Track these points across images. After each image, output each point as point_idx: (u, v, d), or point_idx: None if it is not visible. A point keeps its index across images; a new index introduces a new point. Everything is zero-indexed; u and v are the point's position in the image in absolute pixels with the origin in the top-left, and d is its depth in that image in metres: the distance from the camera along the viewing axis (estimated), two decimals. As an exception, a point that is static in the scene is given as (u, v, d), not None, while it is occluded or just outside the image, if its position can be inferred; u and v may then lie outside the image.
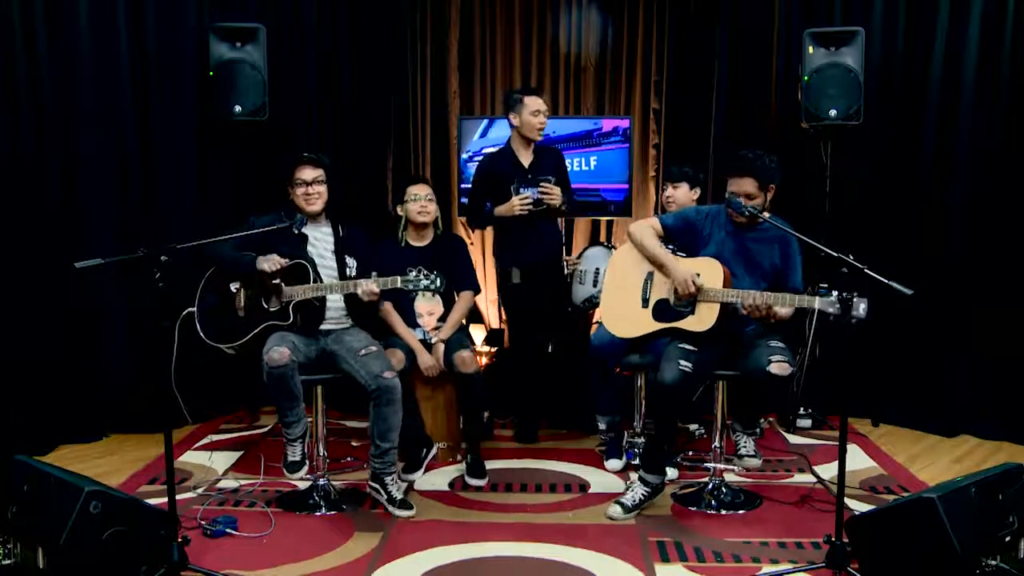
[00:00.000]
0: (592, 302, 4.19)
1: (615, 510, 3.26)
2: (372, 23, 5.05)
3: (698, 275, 3.18)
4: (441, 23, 5.35)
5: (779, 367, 3.07)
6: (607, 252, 4.21)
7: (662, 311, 3.32)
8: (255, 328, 3.36)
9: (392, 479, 3.38)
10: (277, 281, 3.34)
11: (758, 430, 4.21)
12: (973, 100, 4.25)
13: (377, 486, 3.37)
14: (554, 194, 4.04)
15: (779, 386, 3.11)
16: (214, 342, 3.43)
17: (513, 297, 4.26)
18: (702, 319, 3.20)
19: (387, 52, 5.15)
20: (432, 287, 3.26)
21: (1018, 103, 4.19)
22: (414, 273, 3.38)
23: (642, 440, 3.95)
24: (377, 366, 3.32)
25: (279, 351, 3.20)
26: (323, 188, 3.49)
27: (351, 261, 3.54)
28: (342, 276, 3.48)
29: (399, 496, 3.36)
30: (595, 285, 4.17)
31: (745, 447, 3.50)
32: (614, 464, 3.86)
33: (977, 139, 4.28)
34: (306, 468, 3.41)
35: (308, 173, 3.47)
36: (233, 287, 3.43)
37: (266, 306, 3.37)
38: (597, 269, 4.17)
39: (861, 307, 2.70)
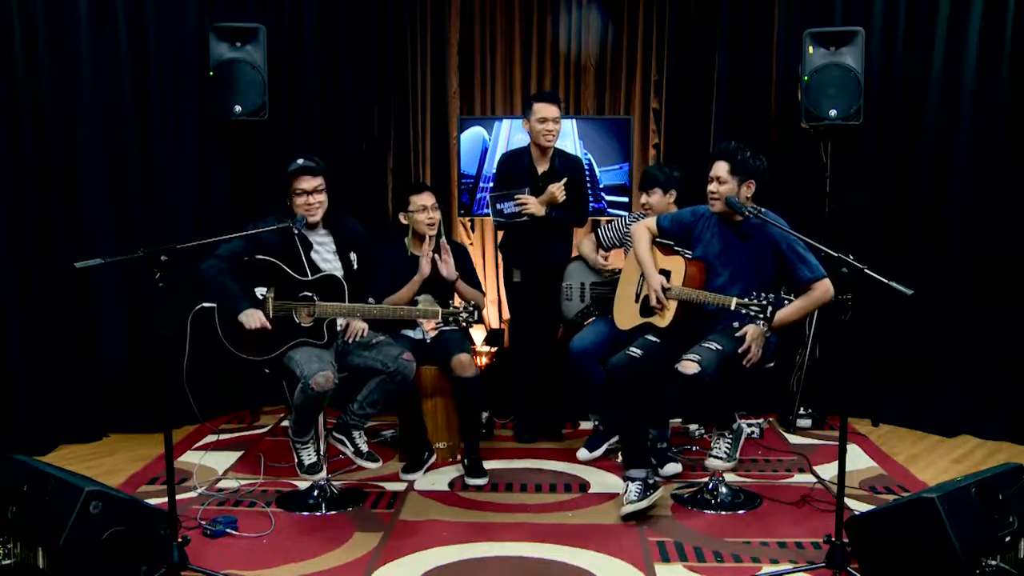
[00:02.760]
0: (585, 314, 4.11)
1: (627, 508, 3.23)
2: (372, 23, 5.05)
3: (666, 288, 3.35)
4: (441, 23, 5.35)
5: (685, 366, 3.13)
6: (583, 265, 4.13)
7: (646, 306, 3.49)
8: (286, 343, 3.29)
9: (359, 433, 3.43)
10: (311, 295, 3.32)
11: (756, 431, 4.24)
12: (973, 100, 4.25)
13: (343, 437, 3.41)
14: (528, 204, 3.99)
15: (691, 386, 3.13)
16: (235, 349, 3.32)
17: (514, 296, 4.28)
18: (663, 315, 3.39)
19: (387, 52, 5.15)
20: (472, 320, 3.31)
21: (1018, 103, 4.19)
22: (454, 307, 3.34)
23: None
24: (395, 350, 3.40)
25: (325, 376, 3.15)
26: (323, 197, 3.38)
27: (353, 255, 3.51)
28: (348, 274, 3.45)
29: (365, 449, 3.43)
30: (583, 300, 4.11)
31: (717, 447, 3.45)
32: (582, 453, 3.97)
33: (977, 139, 4.28)
34: (325, 469, 3.43)
35: (308, 183, 3.35)
36: (260, 293, 3.32)
37: (297, 321, 3.31)
38: (582, 284, 4.11)
39: (785, 302, 2.90)
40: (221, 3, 4.56)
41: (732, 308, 3.07)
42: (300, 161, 3.38)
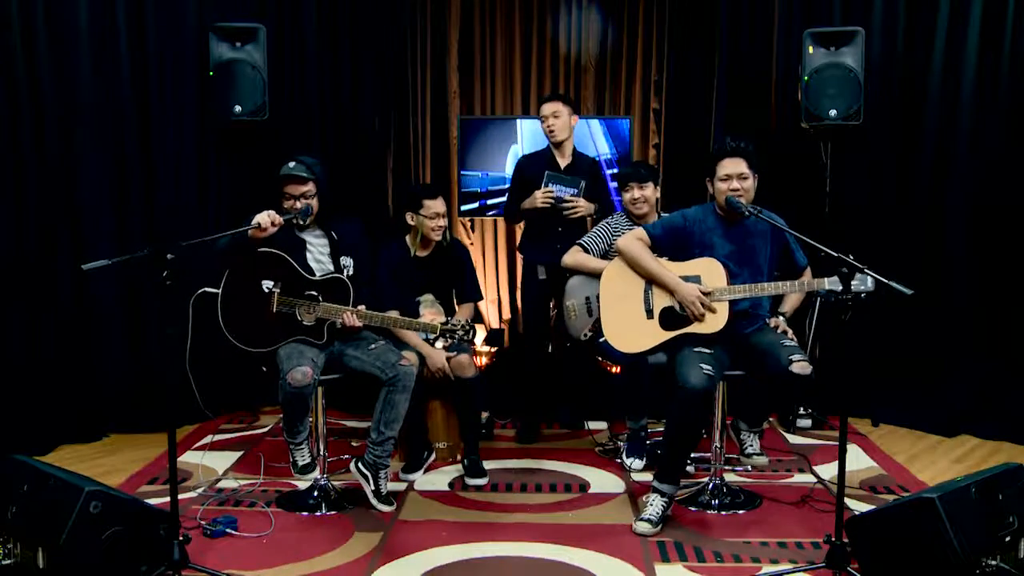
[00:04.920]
0: (598, 327, 3.78)
1: (644, 527, 3.14)
2: (372, 23, 5.05)
3: (706, 292, 3.20)
4: (441, 23, 5.35)
5: (800, 367, 3.08)
6: (586, 279, 3.85)
7: (670, 319, 3.31)
8: (285, 339, 3.28)
9: (385, 473, 3.35)
10: (316, 294, 3.32)
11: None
12: (973, 100, 4.26)
13: (369, 475, 3.32)
14: (579, 207, 4.04)
15: (801, 386, 3.12)
16: (237, 340, 3.29)
17: (536, 294, 4.23)
18: (714, 320, 3.21)
19: (387, 52, 5.15)
20: (467, 338, 3.34)
21: (1018, 103, 4.19)
22: (453, 322, 3.33)
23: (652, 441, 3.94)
24: (393, 356, 3.34)
25: (302, 371, 3.13)
26: (311, 201, 3.37)
27: (347, 260, 3.49)
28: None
29: (385, 490, 3.35)
30: (590, 315, 3.80)
31: (752, 446, 3.50)
32: (637, 464, 3.82)
33: (977, 139, 4.28)
34: (319, 469, 3.43)
35: (295, 189, 3.35)
36: (266, 286, 3.30)
37: (300, 319, 3.30)
38: (587, 298, 3.81)
39: (868, 280, 2.71)
40: (221, 3, 4.56)
41: (827, 288, 2.99)
42: (291, 165, 3.36)
